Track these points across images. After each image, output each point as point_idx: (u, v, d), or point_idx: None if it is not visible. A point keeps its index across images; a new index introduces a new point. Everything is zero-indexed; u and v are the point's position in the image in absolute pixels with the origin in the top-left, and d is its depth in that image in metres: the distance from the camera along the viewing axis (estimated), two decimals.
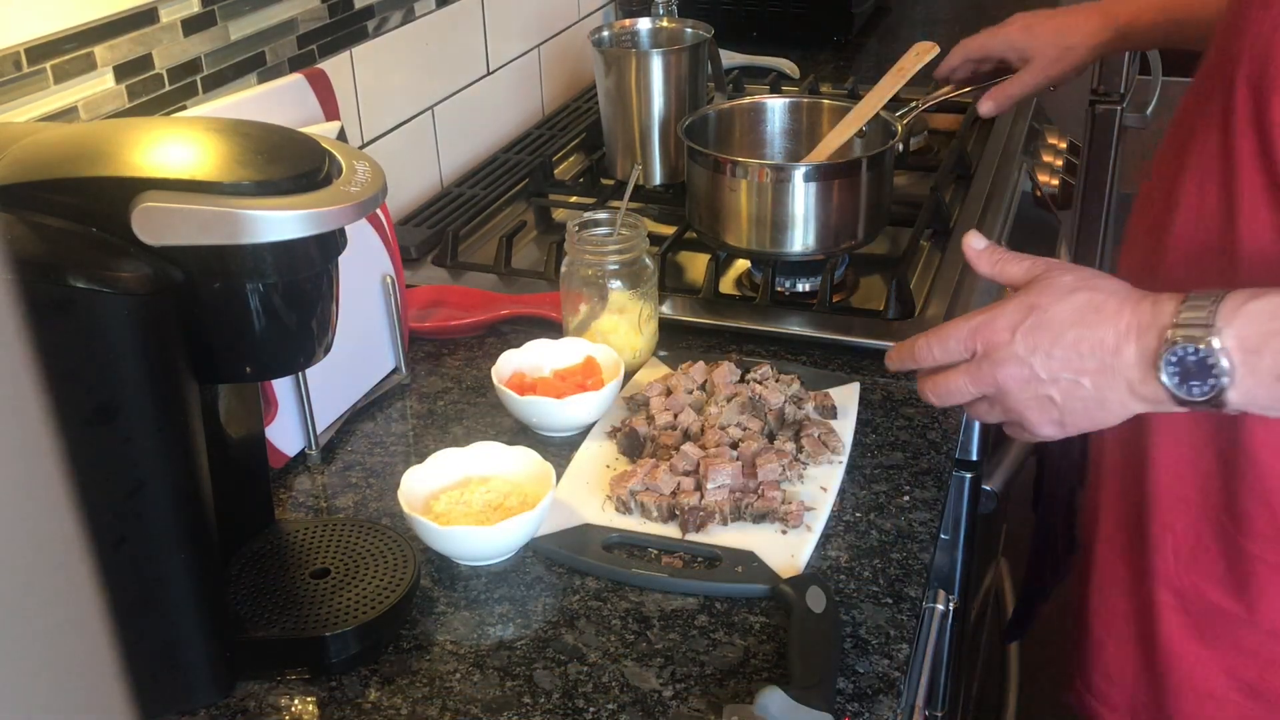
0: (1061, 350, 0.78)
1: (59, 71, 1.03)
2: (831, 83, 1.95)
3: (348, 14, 1.41)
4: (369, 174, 0.76)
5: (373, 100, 1.47)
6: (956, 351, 0.84)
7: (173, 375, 0.74)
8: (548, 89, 1.94)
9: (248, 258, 0.73)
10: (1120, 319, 0.77)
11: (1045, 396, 0.80)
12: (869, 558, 0.94)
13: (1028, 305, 0.80)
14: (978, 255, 0.88)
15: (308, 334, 0.79)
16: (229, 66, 1.23)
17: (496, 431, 1.11)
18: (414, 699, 0.82)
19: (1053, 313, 0.79)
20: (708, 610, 0.89)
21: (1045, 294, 0.80)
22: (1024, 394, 0.81)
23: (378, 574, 0.89)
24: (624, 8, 2.16)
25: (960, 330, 0.83)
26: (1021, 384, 0.80)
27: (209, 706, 0.82)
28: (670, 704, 0.81)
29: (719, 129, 1.43)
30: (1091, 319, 0.78)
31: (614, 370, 1.11)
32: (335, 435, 1.11)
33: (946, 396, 0.86)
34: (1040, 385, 0.80)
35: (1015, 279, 0.85)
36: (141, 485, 0.74)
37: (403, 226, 1.45)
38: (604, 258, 1.14)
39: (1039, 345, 0.79)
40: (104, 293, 0.69)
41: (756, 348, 1.22)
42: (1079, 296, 0.79)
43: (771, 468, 0.98)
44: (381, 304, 1.17)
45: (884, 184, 1.32)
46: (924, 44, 1.45)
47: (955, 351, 0.84)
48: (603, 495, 1.00)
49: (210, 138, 0.76)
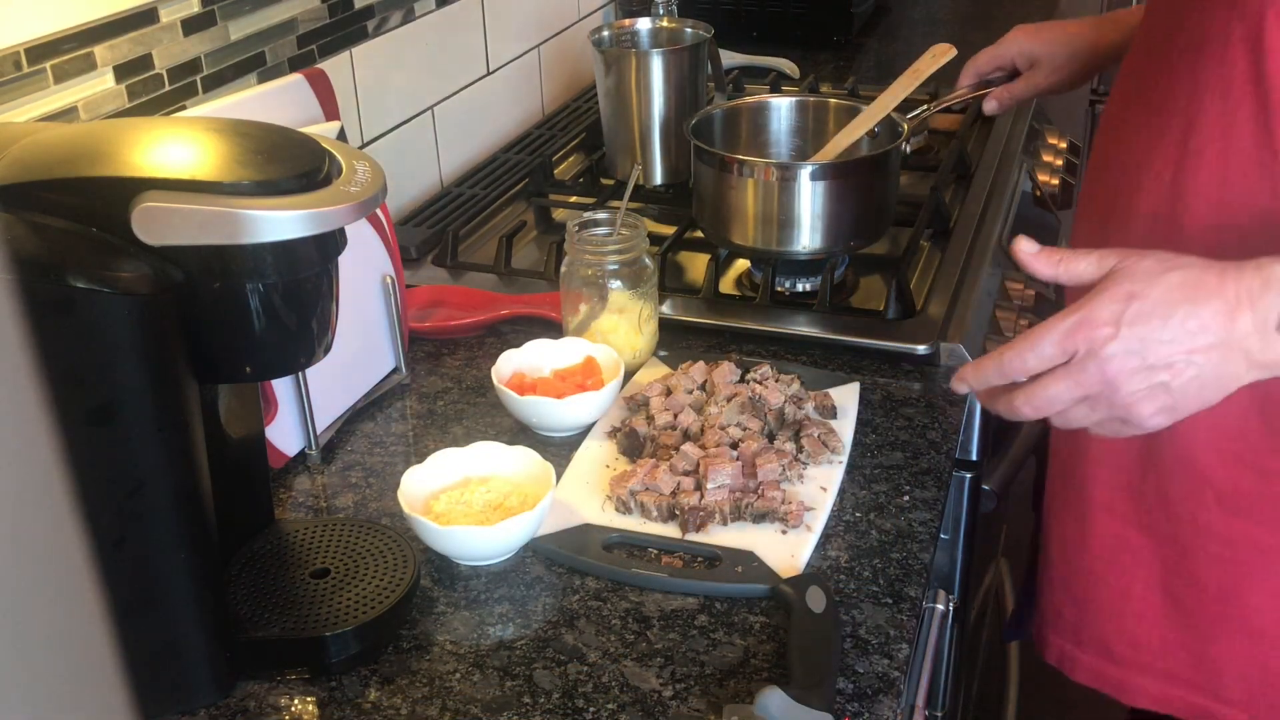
0: (1171, 332, 0.76)
1: (59, 71, 1.03)
2: (831, 83, 1.95)
3: (348, 14, 1.41)
4: (369, 174, 0.76)
5: (373, 100, 1.47)
6: (1052, 356, 0.79)
7: (173, 375, 0.74)
8: (548, 89, 1.94)
9: (248, 258, 0.73)
10: (1225, 290, 0.75)
11: (1158, 384, 0.77)
12: (869, 558, 0.94)
13: (1125, 294, 0.77)
14: (1034, 259, 0.84)
15: (308, 334, 0.79)
16: (229, 66, 1.23)
17: (496, 431, 1.11)
18: (414, 699, 0.82)
19: (1153, 296, 0.76)
20: (708, 610, 0.89)
21: (1137, 280, 0.77)
22: (1135, 386, 0.77)
23: (378, 574, 0.89)
24: (624, 8, 2.16)
25: (1054, 333, 0.79)
26: (1133, 375, 0.77)
27: (209, 706, 0.82)
28: (670, 704, 0.81)
29: (725, 128, 1.43)
30: (1196, 295, 0.76)
31: (614, 370, 1.11)
32: (335, 435, 1.11)
33: (1046, 405, 0.80)
34: (1153, 373, 0.77)
35: (1086, 275, 0.81)
36: (141, 485, 0.74)
37: (403, 226, 1.45)
38: (604, 258, 1.14)
39: (1148, 332, 0.76)
40: (104, 293, 0.69)
41: (756, 348, 1.22)
42: (1172, 276, 0.77)
43: (771, 468, 0.98)
44: (381, 304, 1.17)
45: (889, 184, 1.32)
46: (941, 46, 1.45)
47: (1051, 356, 0.79)
48: (603, 495, 1.00)
49: (210, 138, 0.76)
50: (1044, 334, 0.79)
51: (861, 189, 1.28)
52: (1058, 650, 1.08)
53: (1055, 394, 0.79)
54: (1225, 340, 0.75)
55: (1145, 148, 0.93)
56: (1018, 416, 0.83)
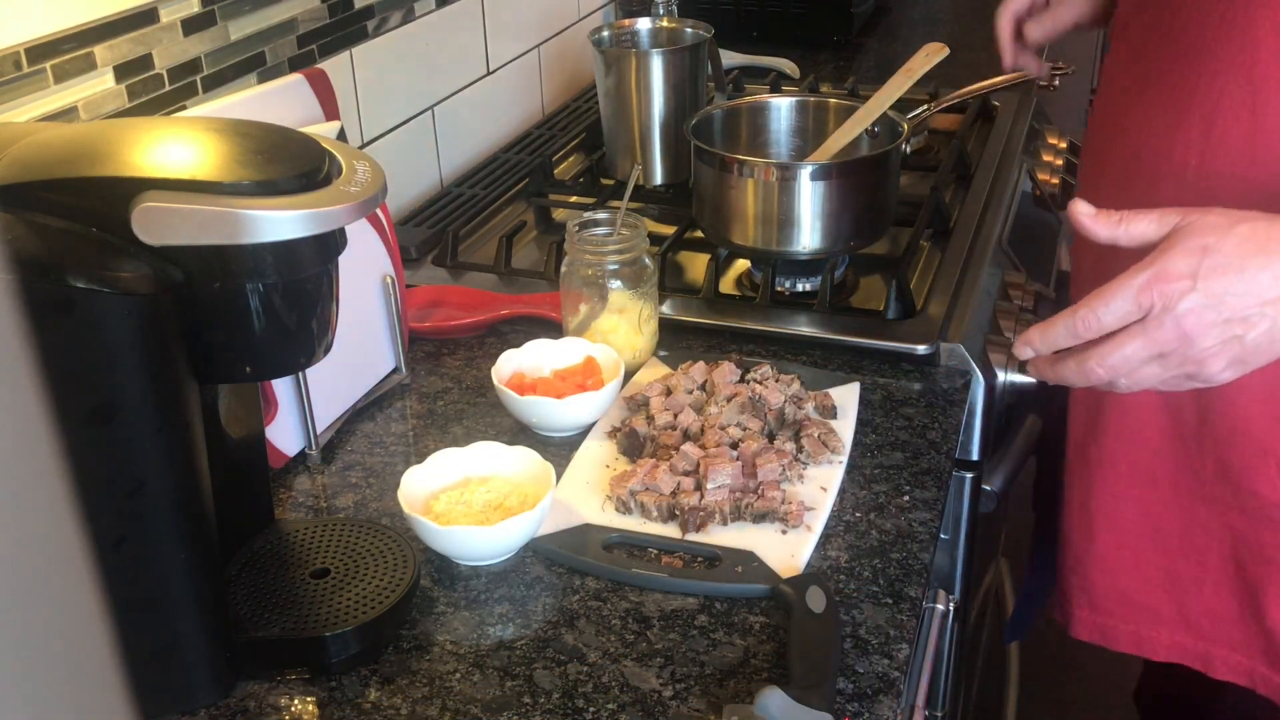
0: (1246, 285, 0.76)
1: (59, 71, 1.03)
2: (831, 83, 1.95)
3: (348, 14, 1.41)
4: (369, 174, 0.76)
5: (373, 100, 1.47)
6: (1127, 313, 0.78)
7: (173, 375, 0.74)
8: (548, 89, 1.94)
9: (248, 258, 0.73)
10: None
11: (1232, 337, 0.77)
12: (869, 558, 0.94)
13: (1198, 247, 0.76)
14: (1093, 221, 0.82)
15: (308, 334, 0.79)
16: (229, 66, 1.23)
17: (496, 431, 1.11)
18: (414, 699, 0.82)
19: (1226, 249, 0.76)
20: (708, 610, 0.89)
21: (1208, 233, 0.77)
22: (1211, 339, 0.77)
23: (378, 574, 0.89)
24: (624, 8, 2.16)
25: (1128, 289, 0.77)
26: (1210, 329, 0.76)
27: (209, 706, 0.82)
28: (670, 704, 0.81)
29: (725, 128, 1.43)
30: (1269, 247, 0.76)
31: (614, 370, 1.11)
32: (335, 435, 1.11)
33: (1122, 364, 0.79)
34: (1229, 326, 0.76)
35: (1149, 234, 0.80)
36: (141, 485, 0.74)
37: (403, 226, 1.45)
38: (604, 258, 1.14)
39: (1225, 285, 0.76)
40: (104, 293, 0.69)
41: (756, 348, 1.22)
42: (1242, 229, 0.76)
43: (771, 468, 0.98)
44: (381, 304, 1.17)
45: (890, 183, 1.32)
46: (933, 45, 1.45)
47: (1125, 313, 0.78)
48: (603, 495, 1.00)
49: (210, 138, 0.76)
50: (1118, 289, 0.78)
51: (861, 189, 1.28)
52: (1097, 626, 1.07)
53: (1130, 352, 0.78)
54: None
55: (1166, 107, 0.91)
56: (1089, 381, 0.81)
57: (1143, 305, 0.77)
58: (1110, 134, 1.00)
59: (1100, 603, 1.08)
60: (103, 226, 0.70)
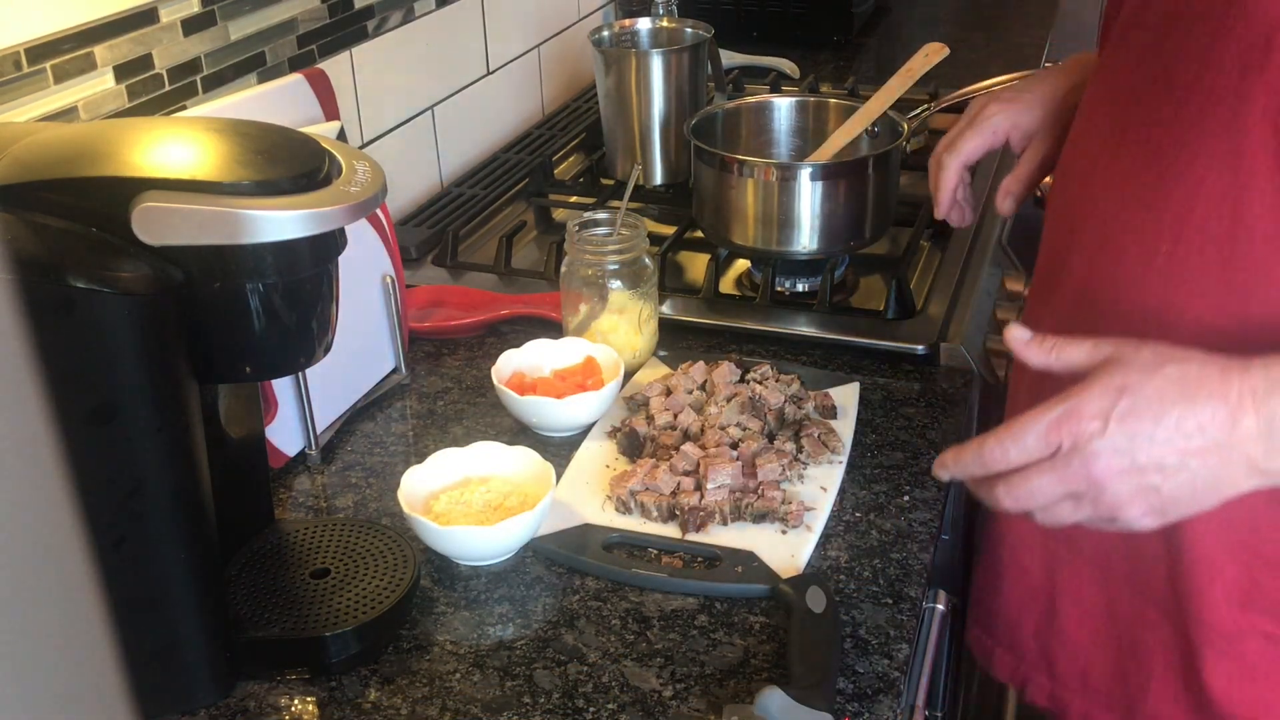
0: (1165, 432, 0.70)
1: (59, 71, 1.03)
2: (831, 83, 1.95)
3: (348, 14, 1.41)
4: (369, 174, 0.76)
5: (373, 100, 1.47)
6: (1036, 449, 0.73)
7: (173, 375, 0.74)
8: (548, 89, 1.94)
9: (248, 258, 0.73)
10: (1228, 389, 0.70)
11: (1148, 486, 0.72)
12: (869, 558, 0.94)
13: (1115, 387, 0.72)
14: (1025, 346, 0.78)
15: (308, 334, 0.79)
16: (229, 66, 1.23)
17: (496, 431, 1.11)
18: (414, 699, 0.82)
19: (1147, 392, 0.71)
20: (708, 610, 0.89)
21: (1130, 372, 0.72)
22: (1123, 486, 0.72)
23: (378, 574, 0.89)
24: (624, 8, 2.16)
25: (1038, 424, 0.73)
26: (1120, 475, 0.71)
27: (209, 706, 0.82)
28: (670, 704, 0.81)
29: (725, 128, 1.43)
30: (1194, 393, 0.70)
31: (614, 370, 1.11)
32: (335, 435, 1.11)
33: (1027, 499, 0.75)
34: (1143, 474, 0.71)
35: (1078, 362, 0.76)
36: (141, 485, 0.74)
37: (403, 226, 1.45)
38: (604, 258, 1.14)
39: (1139, 430, 0.70)
40: (104, 293, 0.69)
41: (756, 348, 1.22)
42: (1169, 370, 0.71)
43: (771, 468, 0.98)
44: (381, 304, 1.17)
45: (890, 183, 1.32)
46: (933, 45, 1.45)
47: (1034, 449, 0.73)
48: (603, 495, 1.00)
49: (210, 138, 0.76)
50: (1028, 425, 0.73)
51: (861, 189, 1.28)
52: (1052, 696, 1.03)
53: (1037, 487, 0.74)
54: (1224, 443, 0.70)
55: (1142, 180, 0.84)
56: (999, 508, 0.77)
57: (1051, 443, 0.73)
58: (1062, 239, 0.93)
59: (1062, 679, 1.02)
60: (103, 226, 0.70)
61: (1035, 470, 0.74)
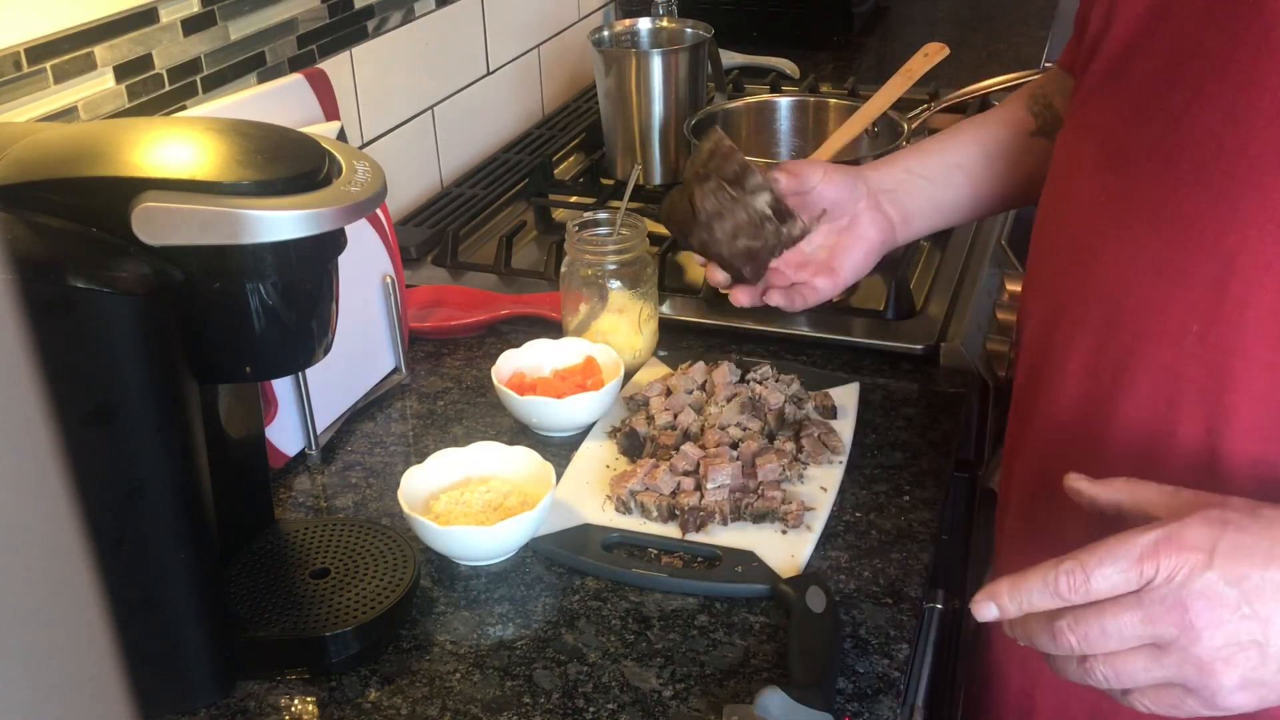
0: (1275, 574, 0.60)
1: (59, 71, 1.03)
2: (831, 83, 1.95)
3: (348, 14, 1.41)
4: (369, 174, 0.76)
5: (373, 100, 1.47)
6: (1120, 580, 0.61)
7: (173, 375, 0.74)
8: (548, 89, 1.94)
9: (248, 258, 0.73)
10: None
11: (1251, 641, 0.60)
12: (869, 558, 0.94)
13: (1218, 520, 0.61)
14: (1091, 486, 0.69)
15: (308, 334, 0.79)
16: (229, 66, 1.23)
17: (496, 431, 1.11)
18: (414, 699, 0.82)
19: (1254, 530, 0.61)
20: (708, 610, 0.89)
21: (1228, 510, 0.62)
22: (1220, 637, 0.60)
23: (377, 574, 0.89)
24: (624, 8, 2.16)
25: (1130, 548, 0.61)
26: (1222, 620, 0.60)
27: (209, 706, 0.82)
28: (670, 704, 0.81)
29: (725, 128, 1.43)
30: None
31: (614, 370, 1.11)
32: (335, 435, 1.11)
33: (1099, 639, 0.62)
34: (1247, 623, 0.60)
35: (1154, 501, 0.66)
36: (141, 485, 0.74)
37: (403, 226, 1.45)
38: (604, 258, 1.14)
39: (1248, 573, 0.60)
40: (104, 293, 0.69)
41: (756, 348, 1.22)
42: (1268, 512, 0.62)
43: (771, 468, 0.98)
44: (381, 304, 1.17)
45: None
46: (933, 45, 1.45)
47: (1118, 581, 0.61)
48: (603, 495, 1.00)
49: (210, 138, 0.76)
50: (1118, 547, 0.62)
51: None
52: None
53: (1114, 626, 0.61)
54: None
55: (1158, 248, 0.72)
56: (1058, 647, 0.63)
57: (1145, 574, 0.61)
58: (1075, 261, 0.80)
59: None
60: (103, 226, 0.70)
61: (1115, 605, 0.62)
